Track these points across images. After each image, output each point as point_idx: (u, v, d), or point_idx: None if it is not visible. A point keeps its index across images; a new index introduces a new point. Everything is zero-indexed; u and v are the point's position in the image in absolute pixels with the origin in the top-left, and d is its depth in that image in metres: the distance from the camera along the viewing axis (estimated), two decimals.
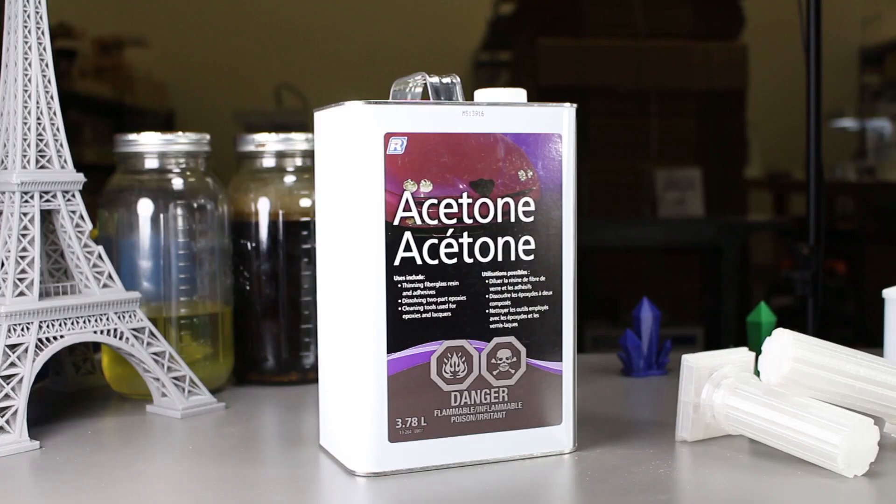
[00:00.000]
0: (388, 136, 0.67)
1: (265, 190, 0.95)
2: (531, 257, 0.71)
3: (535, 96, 3.27)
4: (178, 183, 0.92)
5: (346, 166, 0.68)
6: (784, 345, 0.70)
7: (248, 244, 0.95)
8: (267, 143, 0.96)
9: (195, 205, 0.92)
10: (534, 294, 0.71)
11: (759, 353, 0.74)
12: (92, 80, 4.38)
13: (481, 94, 0.73)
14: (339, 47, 5.32)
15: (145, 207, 0.91)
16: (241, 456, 0.75)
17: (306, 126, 3.40)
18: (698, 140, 3.28)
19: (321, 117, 0.73)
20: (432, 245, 0.69)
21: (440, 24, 5.32)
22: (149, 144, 0.91)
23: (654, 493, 0.65)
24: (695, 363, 0.75)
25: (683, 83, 3.24)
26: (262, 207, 0.95)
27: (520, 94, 0.74)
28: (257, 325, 0.95)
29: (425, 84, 0.71)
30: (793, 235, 4.28)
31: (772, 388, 0.71)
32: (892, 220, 3.89)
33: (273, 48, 5.22)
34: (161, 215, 0.90)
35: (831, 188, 4.24)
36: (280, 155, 0.96)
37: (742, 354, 0.77)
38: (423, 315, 0.69)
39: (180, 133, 0.92)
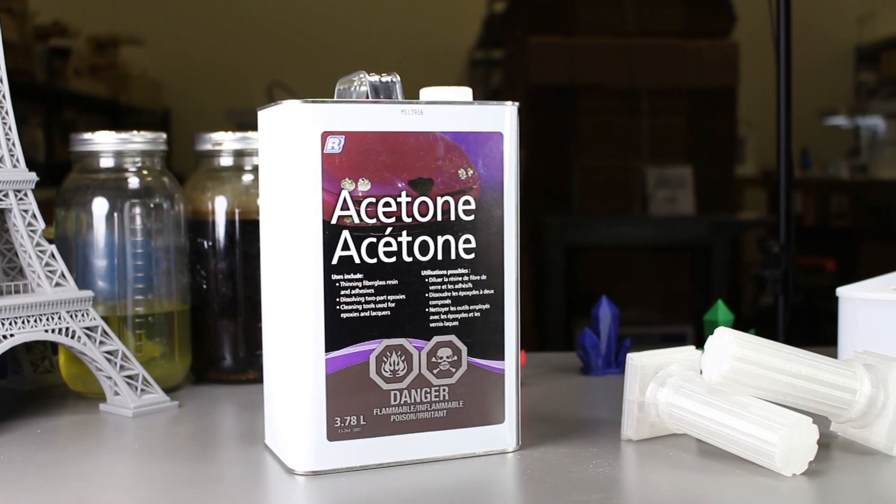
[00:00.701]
0: (325, 135, 0.67)
1: (222, 189, 0.95)
2: (472, 256, 0.71)
3: (526, 94, 3.28)
4: (133, 182, 0.92)
5: (285, 165, 0.68)
6: (725, 343, 0.70)
7: (205, 243, 0.95)
8: (224, 142, 0.96)
9: (151, 204, 0.92)
10: (475, 293, 0.71)
11: None
12: (87, 79, 4.38)
13: (426, 93, 0.73)
14: (335, 46, 5.32)
15: (100, 206, 0.91)
16: (187, 454, 0.75)
17: None
18: (689, 138, 3.27)
19: (264, 116, 0.73)
20: (371, 244, 0.69)
21: (436, 23, 5.31)
22: (104, 143, 0.91)
23: (588, 493, 0.65)
24: (639, 362, 0.75)
25: (674, 81, 3.24)
26: (220, 206, 0.95)
27: (465, 92, 0.74)
28: (214, 323, 0.96)
29: (368, 82, 0.70)
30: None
31: (714, 386, 0.71)
32: (886, 217, 3.89)
33: (269, 46, 5.22)
34: (116, 214, 0.91)
35: (825, 186, 4.23)
36: (238, 154, 0.96)
37: (688, 353, 0.77)
38: (362, 314, 0.69)
39: (135, 132, 0.92)
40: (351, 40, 5.31)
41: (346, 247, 0.68)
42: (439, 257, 0.70)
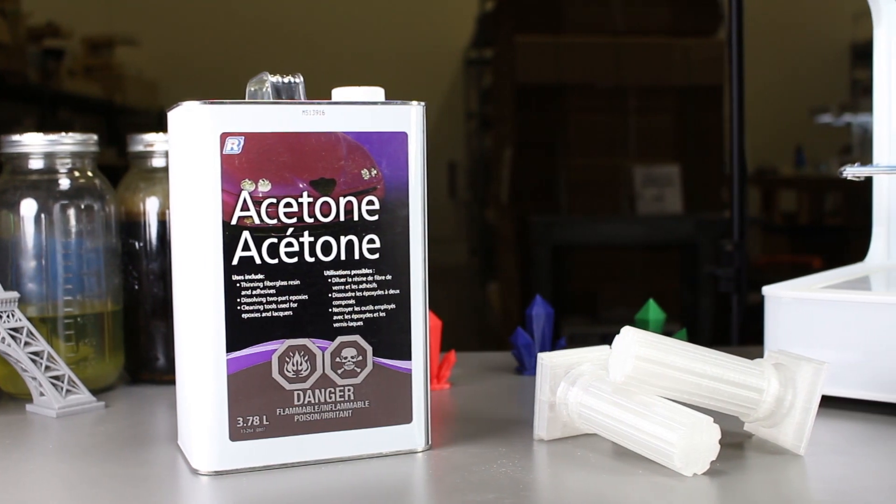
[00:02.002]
0: (224, 136, 0.67)
1: (154, 189, 0.96)
2: (376, 256, 0.71)
3: (514, 93, 3.28)
4: (64, 183, 0.92)
5: (185, 166, 0.68)
6: (628, 343, 0.70)
7: (137, 244, 0.95)
8: (155, 143, 0.96)
9: (81, 205, 0.92)
10: (380, 293, 0.71)
11: None
12: (81, 80, 4.40)
13: (338, 93, 0.73)
14: (331, 45, 5.31)
15: (29, 207, 0.91)
16: (100, 454, 0.75)
17: None
18: (677, 136, 3.27)
19: (171, 118, 0.73)
20: (272, 244, 0.69)
21: (431, 22, 5.31)
22: (33, 145, 0.92)
23: (483, 493, 0.65)
24: (549, 361, 0.75)
25: (662, 80, 3.24)
26: (151, 207, 0.95)
27: (377, 92, 0.74)
28: (147, 324, 0.96)
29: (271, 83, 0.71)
30: (776, 230, 4.27)
31: (620, 386, 0.71)
32: None
33: (264, 46, 5.22)
34: (45, 215, 0.91)
35: (817, 184, 4.22)
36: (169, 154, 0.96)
37: (601, 352, 0.77)
38: (264, 314, 0.69)
39: (65, 133, 0.92)
40: (346, 40, 5.32)
41: (246, 247, 0.68)
42: (342, 257, 0.70)
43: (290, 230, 0.69)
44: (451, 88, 5.39)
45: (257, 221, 0.68)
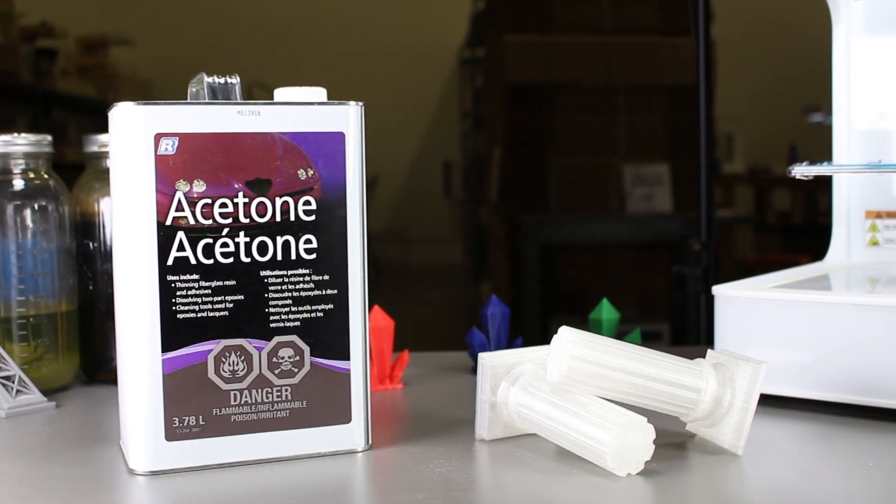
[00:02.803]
0: (158, 137, 0.67)
1: (108, 190, 0.96)
2: (313, 256, 0.71)
3: (504, 93, 3.28)
4: (18, 184, 0.93)
5: (120, 167, 0.68)
6: (564, 343, 0.70)
7: (91, 244, 0.95)
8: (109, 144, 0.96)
9: (35, 206, 0.92)
10: (317, 293, 0.71)
11: None
12: (75, 80, 4.40)
13: (280, 93, 0.73)
14: (328, 44, 5.31)
15: None
16: (43, 454, 0.75)
17: None
18: (666, 135, 3.26)
19: (110, 118, 0.73)
20: (207, 245, 0.69)
21: (426, 21, 5.31)
22: None
23: (414, 493, 0.65)
24: (490, 361, 0.75)
25: (651, 79, 3.23)
26: (106, 207, 0.95)
27: (319, 93, 0.74)
28: (102, 324, 0.96)
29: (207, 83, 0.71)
30: (769, 229, 4.26)
31: (558, 386, 0.71)
32: None
33: (260, 46, 5.22)
34: None
35: (811, 183, 4.21)
36: None
37: (542, 352, 0.77)
38: (199, 314, 0.69)
39: (17, 134, 0.92)
40: (341, 39, 5.32)
41: (181, 248, 0.68)
42: (279, 258, 0.70)
43: (226, 230, 0.69)
44: (445, 88, 5.39)
45: (192, 222, 0.68)
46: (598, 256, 3.33)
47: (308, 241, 0.71)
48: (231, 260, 0.69)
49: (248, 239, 0.70)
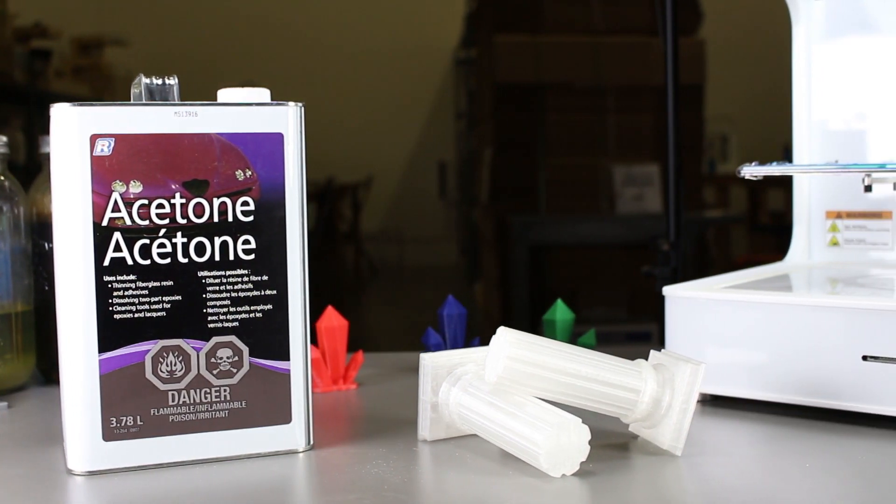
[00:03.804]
0: (94, 138, 0.68)
1: None
2: (252, 257, 0.71)
3: (494, 93, 3.28)
4: None
5: (57, 168, 0.69)
6: (501, 344, 0.70)
7: (47, 245, 0.95)
8: None
9: None
10: (255, 293, 0.72)
11: None
12: (69, 80, 4.41)
13: (223, 94, 0.73)
14: (322, 45, 5.32)
15: None
16: None
17: None
18: (656, 136, 3.26)
19: (51, 119, 0.73)
20: (144, 245, 0.69)
21: (421, 21, 5.31)
22: None
23: (346, 493, 0.65)
24: (430, 362, 0.75)
25: (641, 79, 3.23)
26: None
27: (263, 93, 0.74)
28: (57, 325, 0.96)
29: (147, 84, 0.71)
30: (764, 229, 4.26)
31: (497, 386, 0.71)
32: None
33: (257, 46, 5.23)
34: None
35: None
36: None
37: (484, 353, 0.76)
38: (136, 315, 0.69)
39: None
40: (337, 40, 5.32)
41: (118, 248, 0.68)
42: (217, 258, 0.70)
43: (163, 231, 0.69)
44: (441, 88, 5.39)
45: (129, 223, 0.68)
46: (587, 256, 3.33)
47: (246, 242, 0.71)
48: (168, 260, 0.69)
49: (185, 239, 0.70)
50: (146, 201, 0.69)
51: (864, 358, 0.78)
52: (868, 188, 0.93)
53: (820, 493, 0.65)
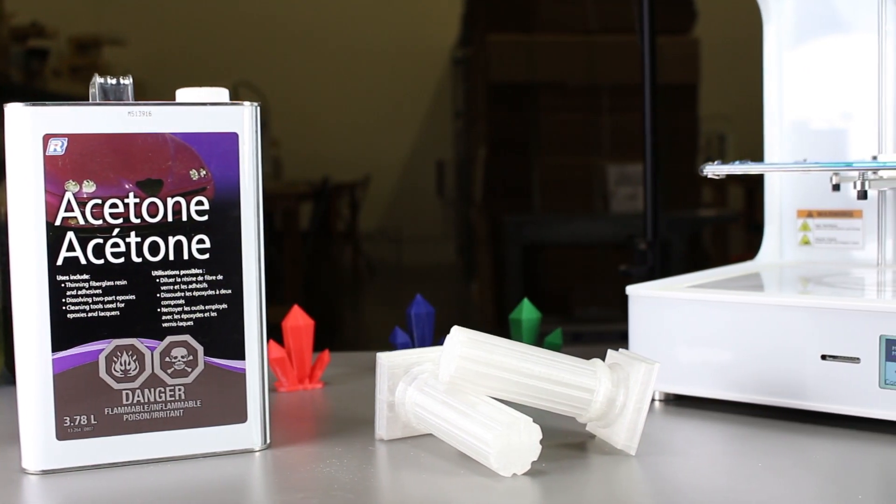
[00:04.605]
0: (47, 138, 0.68)
1: None
2: (206, 256, 0.71)
3: (487, 92, 3.28)
4: None
5: (10, 168, 0.69)
6: (454, 343, 0.70)
7: None
8: None
9: None
10: (210, 293, 0.72)
11: None
12: (67, 80, 4.42)
13: (182, 94, 0.74)
14: (320, 45, 5.32)
15: None
16: None
17: (265, 125, 3.40)
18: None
19: (6, 119, 0.73)
20: (97, 245, 0.69)
21: (420, 20, 5.31)
22: None
23: (293, 493, 0.65)
24: (387, 361, 0.75)
25: (635, 78, 3.22)
26: None
27: (221, 93, 0.74)
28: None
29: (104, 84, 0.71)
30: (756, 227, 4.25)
31: (451, 386, 0.71)
32: None
33: (253, 47, 5.23)
34: None
35: None
36: None
37: (440, 352, 0.76)
38: (90, 314, 0.69)
39: None
40: (335, 40, 5.32)
41: (71, 248, 0.69)
42: (171, 258, 0.71)
43: (116, 231, 0.69)
44: (439, 87, 5.39)
45: (82, 222, 0.69)
46: (581, 255, 3.33)
47: (201, 241, 0.71)
48: (122, 260, 0.70)
49: (139, 239, 0.70)
50: (99, 201, 0.69)
51: (824, 357, 0.78)
52: (836, 187, 0.93)
53: (771, 493, 0.65)
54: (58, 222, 0.68)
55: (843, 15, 1.02)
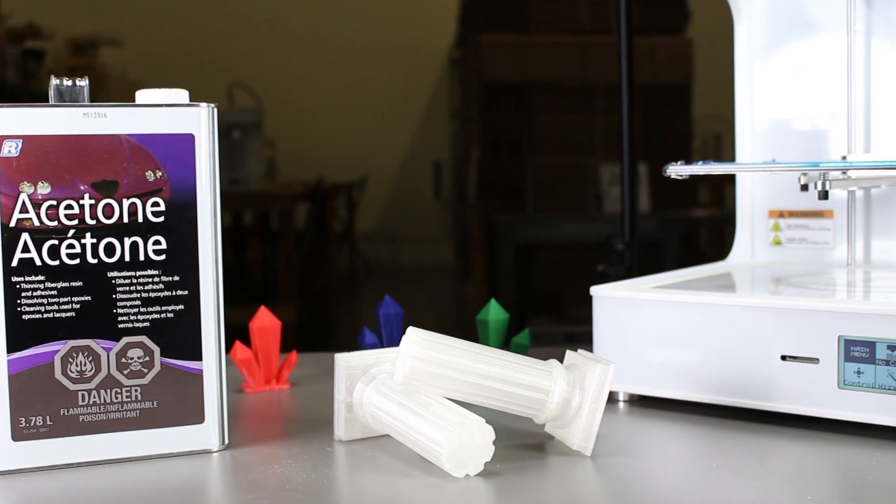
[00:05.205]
0: (1, 139, 0.68)
1: None
2: (163, 257, 0.72)
3: (481, 92, 3.28)
4: None
5: None
6: (408, 343, 0.70)
7: None
8: None
9: None
10: (167, 294, 0.72)
11: None
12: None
13: (141, 95, 0.74)
14: (317, 46, 5.32)
15: None
16: None
17: (259, 126, 3.39)
18: (644, 135, 3.26)
19: None
20: (52, 246, 0.69)
21: (418, 20, 5.31)
22: None
23: (245, 492, 0.65)
24: (345, 362, 0.75)
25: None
26: None
27: (180, 94, 0.74)
28: None
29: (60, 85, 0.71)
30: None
31: (406, 387, 0.71)
32: None
33: (250, 47, 5.24)
34: None
35: None
36: None
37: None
38: (45, 315, 0.69)
39: None
40: (332, 40, 5.32)
41: (26, 249, 0.69)
42: (127, 259, 0.71)
43: (72, 232, 0.70)
44: (436, 87, 5.39)
45: (37, 223, 0.69)
46: (574, 256, 3.33)
47: (157, 243, 0.71)
48: (77, 261, 0.70)
49: (94, 240, 0.70)
50: (54, 202, 0.69)
51: (784, 358, 0.78)
52: (804, 187, 0.93)
53: (724, 493, 0.65)
54: (12, 224, 0.68)
55: (814, 14, 1.02)
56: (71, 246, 0.70)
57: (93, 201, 0.70)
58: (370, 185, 5.17)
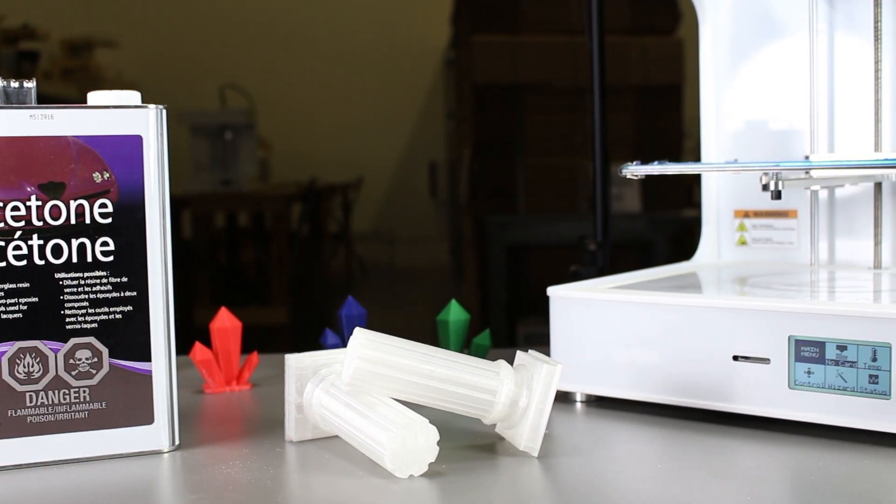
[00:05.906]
0: None
1: None
2: (111, 258, 0.72)
3: (472, 93, 3.27)
4: None
5: None
6: (354, 345, 0.70)
7: None
8: None
9: None
10: (115, 295, 0.72)
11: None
12: (58, 82, 4.43)
13: (92, 97, 0.74)
14: (313, 47, 5.32)
15: None
16: None
17: (252, 126, 3.39)
18: (635, 135, 3.26)
19: None
20: None
21: (413, 22, 5.31)
22: None
23: (188, 493, 0.65)
24: (295, 363, 0.75)
25: (620, 78, 3.22)
26: None
27: (132, 96, 0.74)
28: None
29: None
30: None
31: (353, 387, 0.71)
32: None
33: (246, 49, 5.24)
34: None
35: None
36: None
37: None
38: None
39: None
40: (328, 41, 5.32)
41: None
42: (74, 260, 0.71)
43: (18, 233, 0.70)
44: (431, 88, 5.39)
45: None
46: (566, 256, 3.32)
47: (105, 244, 0.72)
48: (24, 262, 0.70)
49: (41, 242, 0.70)
50: (1, 204, 0.69)
51: (735, 358, 0.78)
52: (766, 187, 0.93)
53: (669, 493, 0.65)
54: None
55: (778, 14, 1.02)
56: (18, 247, 0.70)
57: (40, 203, 0.70)
58: (366, 185, 5.17)
